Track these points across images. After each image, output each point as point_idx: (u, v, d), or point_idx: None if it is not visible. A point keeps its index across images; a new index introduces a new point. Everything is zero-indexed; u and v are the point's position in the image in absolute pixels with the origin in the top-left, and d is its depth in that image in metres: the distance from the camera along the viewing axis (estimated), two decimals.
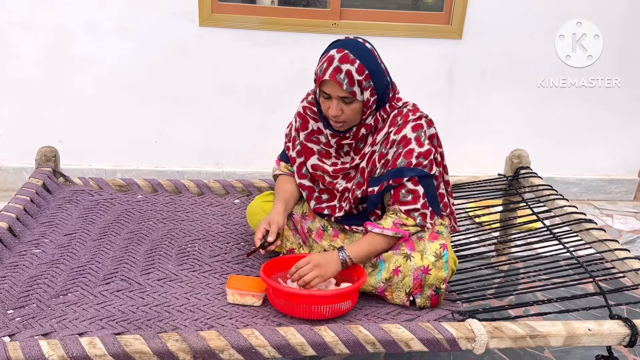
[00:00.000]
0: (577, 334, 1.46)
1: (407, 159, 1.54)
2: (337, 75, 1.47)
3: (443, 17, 3.02)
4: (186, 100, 3.07)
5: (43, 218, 1.90)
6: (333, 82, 1.48)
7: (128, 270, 1.69)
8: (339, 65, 1.47)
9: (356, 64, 1.47)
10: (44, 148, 2.17)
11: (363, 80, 1.48)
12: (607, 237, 1.84)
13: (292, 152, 1.77)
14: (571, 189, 3.41)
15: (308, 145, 1.73)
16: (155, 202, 2.15)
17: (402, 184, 1.56)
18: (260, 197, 1.90)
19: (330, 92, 1.51)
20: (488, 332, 1.43)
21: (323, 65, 1.50)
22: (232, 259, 1.83)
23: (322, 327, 1.41)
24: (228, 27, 2.92)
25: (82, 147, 3.09)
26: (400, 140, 1.55)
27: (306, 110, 1.74)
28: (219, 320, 1.50)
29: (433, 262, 1.53)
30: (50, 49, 2.90)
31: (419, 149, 1.55)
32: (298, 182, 1.76)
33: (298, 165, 1.76)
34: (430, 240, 1.57)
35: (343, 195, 1.69)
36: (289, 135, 1.80)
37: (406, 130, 1.56)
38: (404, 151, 1.55)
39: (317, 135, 1.71)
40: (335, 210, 1.70)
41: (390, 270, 1.56)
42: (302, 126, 1.74)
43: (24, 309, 1.46)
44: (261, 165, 3.26)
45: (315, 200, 1.74)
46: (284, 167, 1.83)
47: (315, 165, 1.71)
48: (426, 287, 1.54)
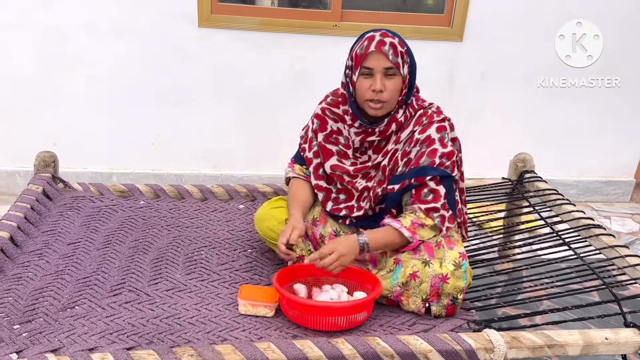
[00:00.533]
0: (594, 343, 1.45)
1: (431, 158, 1.55)
2: (382, 47, 1.51)
3: (444, 19, 3.00)
4: (184, 102, 3.02)
5: (45, 226, 1.85)
6: (378, 53, 1.51)
7: (135, 281, 1.65)
8: (382, 39, 1.52)
9: (397, 39, 1.54)
10: (42, 153, 2.11)
11: (404, 54, 1.54)
12: (617, 243, 1.84)
13: (309, 153, 1.75)
14: (569, 190, 3.42)
15: (327, 147, 1.71)
16: (159, 209, 2.11)
17: (424, 183, 1.56)
18: (268, 204, 1.86)
19: (374, 66, 1.52)
20: (506, 342, 1.42)
21: (363, 43, 1.53)
22: (240, 266, 1.80)
23: (340, 340, 1.39)
24: (227, 28, 2.88)
25: (77, 150, 3.02)
26: (424, 140, 1.57)
27: (325, 111, 1.73)
28: (232, 333, 1.46)
29: (452, 271, 1.52)
30: (45, 49, 2.83)
31: (442, 150, 1.56)
32: (314, 183, 1.74)
33: (315, 166, 1.74)
34: (448, 247, 1.56)
35: (362, 195, 1.68)
36: (304, 137, 1.79)
37: (430, 131, 1.57)
38: (427, 150, 1.56)
39: (336, 135, 1.71)
40: (353, 210, 1.69)
41: (407, 274, 1.54)
42: (320, 127, 1.73)
43: (30, 323, 1.41)
44: (260, 168, 3.23)
45: (333, 201, 1.72)
46: (299, 169, 1.80)
47: (335, 165, 1.69)
48: (443, 295, 1.53)
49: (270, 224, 1.78)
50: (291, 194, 1.76)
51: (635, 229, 3.12)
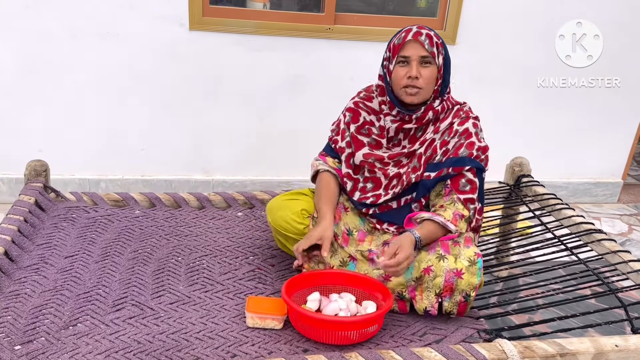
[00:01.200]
0: (605, 351, 1.46)
1: (469, 150, 1.62)
2: (418, 37, 1.59)
3: (437, 22, 3.00)
4: (174, 107, 2.96)
5: (40, 239, 1.79)
6: (415, 42, 1.58)
7: (138, 294, 1.60)
8: (419, 30, 1.60)
9: (432, 32, 1.62)
10: (33, 162, 2.04)
11: (440, 45, 1.61)
12: (620, 249, 1.85)
13: (342, 143, 1.77)
14: (558, 192, 3.45)
15: (358, 137, 1.74)
16: (155, 218, 2.05)
17: (462, 173, 1.61)
18: (283, 195, 1.84)
19: (410, 54, 1.59)
20: (519, 352, 1.41)
21: (401, 35, 1.62)
22: (243, 275, 1.76)
23: (353, 354, 1.36)
24: (219, 31, 2.82)
25: (63, 156, 2.93)
26: (463, 132, 1.64)
27: (358, 104, 1.77)
28: (241, 348, 1.43)
29: (467, 266, 1.52)
30: (30, 52, 2.74)
31: (479, 143, 1.64)
32: (345, 171, 1.76)
33: (347, 155, 1.76)
34: (465, 245, 1.57)
35: (391, 182, 1.70)
36: (335, 130, 1.81)
37: (468, 124, 1.65)
38: (466, 142, 1.62)
39: (368, 126, 1.74)
40: (380, 197, 1.70)
41: (421, 268, 1.55)
42: (352, 119, 1.76)
43: (32, 343, 1.36)
44: (252, 173, 3.18)
45: (360, 190, 1.73)
46: (332, 162, 1.79)
47: (367, 154, 1.72)
48: (457, 291, 1.53)
49: (284, 213, 1.75)
50: (321, 188, 1.75)
51: (624, 230, 3.17)
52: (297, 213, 1.75)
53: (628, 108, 3.33)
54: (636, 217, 3.34)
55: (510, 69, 3.13)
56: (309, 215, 1.77)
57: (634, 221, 3.29)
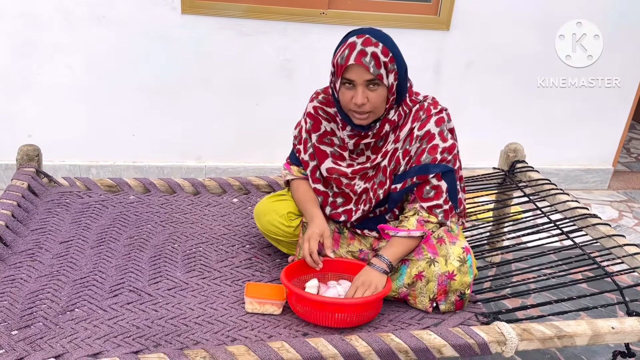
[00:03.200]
0: (602, 333, 1.47)
1: (432, 155, 1.52)
2: (362, 59, 1.41)
3: (431, 7, 2.98)
4: (166, 92, 2.92)
5: (34, 224, 1.76)
6: (359, 65, 1.42)
7: (135, 280, 1.58)
8: (363, 49, 1.41)
9: (380, 47, 1.42)
10: (25, 146, 2.00)
11: (388, 63, 1.43)
12: (614, 233, 1.87)
13: (305, 156, 1.69)
14: (550, 178, 3.47)
15: (321, 148, 1.65)
16: (150, 203, 2.03)
17: (427, 180, 1.53)
18: (269, 198, 1.81)
19: (355, 78, 1.44)
20: (517, 334, 1.42)
21: (344, 52, 1.44)
22: (240, 263, 1.76)
23: (353, 337, 1.37)
24: (211, 15, 2.79)
25: (53, 142, 2.89)
26: (423, 136, 1.53)
27: (317, 110, 1.66)
28: (241, 332, 1.43)
29: (458, 267, 1.50)
30: (18, 36, 2.69)
31: (443, 144, 1.53)
32: (313, 186, 1.68)
33: (312, 169, 1.68)
34: (451, 242, 1.54)
35: (361, 198, 1.63)
36: (298, 137, 1.72)
37: (430, 125, 1.53)
38: (428, 147, 1.52)
39: (330, 136, 1.64)
40: (351, 215, 1.65)
41: (412, 275, 1.53)
42: (313, 127, 1.66)
43: (29, 328, 1.34)
44: (244, 160, 3.16)
45: (331, 205, 1.67)
46: (296, 171, 1.73)
47: (331, 168, 1.63)
48: (451, 292, 1.52)
49: (271, 217, 1.72)
50: (300, 195, 1.69)
51: (615, 216, 3.20)
52: (284, 216, 1.71)
53: (619, 97, 3.35)
54: (626, 204, 3.38)
55: (504, 56, 3.13)
56: (297, 216, 1.73)
57: (624, 207, 3.33)
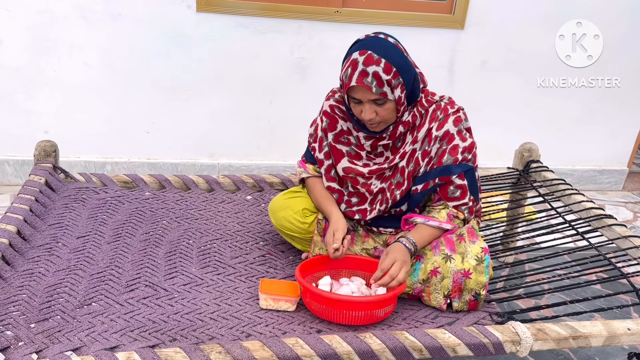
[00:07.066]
0: (618, 334, 1.46)
1: (453, 156, 1.53)
2: (364, 80, 1.41)
3: (445, 6, 2.97)
4: (180, 89, 2.95)
5: (51, 219, 1.78)
6: (361, 87, 1.43)
7: (151, 275, 1.60)
8: (364, 69, 1.41)
9: (382, 64, 1.41)
10: (43, 142, 2.03)
11: (392, 79, 1.42)
12: (631, 234, 1.85)
13: (320, 154, 1.69)
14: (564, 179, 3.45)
15: (337, 147, 1.65)
16: (165, 200, 2.05)
17: (450, 180, 1.54)
18: (284, 194, 1.81)
19: (360, 97, 1.46)
20: (532, 334, 1.42)
21: (347, 70, 1.44)
22: (254, 259, 1.76)
23: (368, 334, 1.37)
24: (226, 13, 2.80)
25: (69, 138, 2.91)
26: (443, 136, 1.53)
27: (334, 109, 1.66)
28: (255, 328, 1.43)
29: (474, 265, 1.50)
30: (36, 33, 2.72)
31: (463, 144, 1.54)
32: (326, 185, 1.69)
33: (326, 167, 1.68)
34: (471, 240, 1.54)
35: (376, 197, 1.64)
36: (313, 135, 1.72)
37: (448, 125, 1.53)
38: (448, 148, 1.53)
39: (346, 135, 1.65)
40: (366, 214, 1.65)
41: (428, 270, 1.53)
42: (329, 126, 1.66)
43: (47, 321, 1.36)
44: (258, 157, 3.17)
45: (346, 203, 1.68)
46: (312, 169, 1.73)
47: (347, 168, 1.64)
48: (465, 291, 1.51)
49: (286, 213, 1.73)
50: (317, 193, 1.70)
51: (629, 217, 3.17)
52: (299, 212, 1.72)
53: (635, 96, 3.32)
54: None
55: (519, 55, 3.11)
56: (311, 212, 1.74)
57: (639, 209, 3.30)
